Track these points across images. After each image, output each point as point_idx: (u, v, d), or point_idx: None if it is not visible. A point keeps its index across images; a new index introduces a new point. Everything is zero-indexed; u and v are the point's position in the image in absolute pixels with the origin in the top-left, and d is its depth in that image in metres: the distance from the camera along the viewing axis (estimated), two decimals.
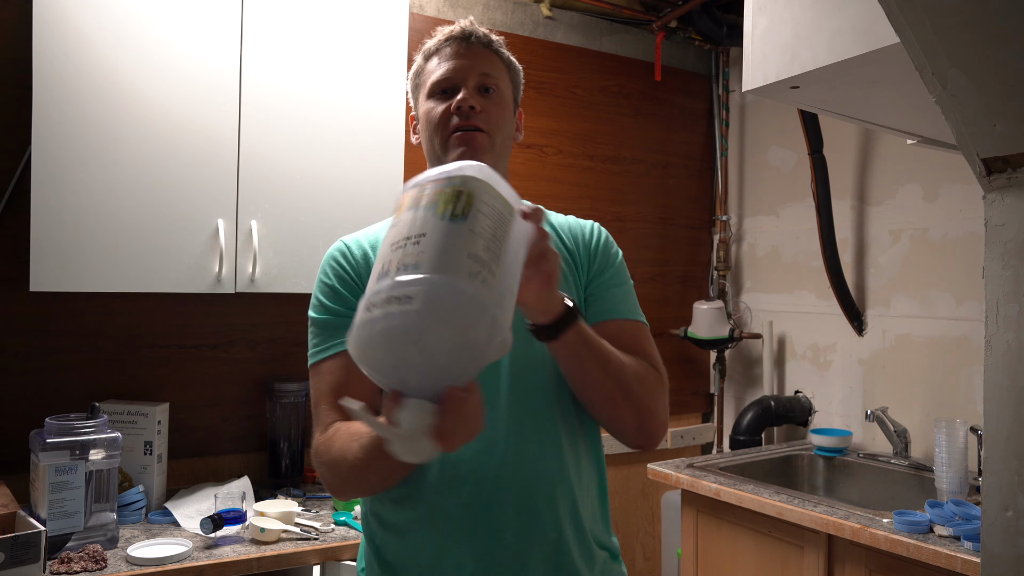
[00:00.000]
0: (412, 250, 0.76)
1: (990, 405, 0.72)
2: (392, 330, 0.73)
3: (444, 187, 0.81)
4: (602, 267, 1.18)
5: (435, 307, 0.73)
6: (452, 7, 2.56)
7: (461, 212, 0.78)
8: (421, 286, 0.73)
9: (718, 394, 3.07)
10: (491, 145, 1.13)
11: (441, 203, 0.79)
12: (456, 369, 0.76)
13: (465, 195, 0.80)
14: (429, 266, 0.74)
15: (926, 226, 2.42)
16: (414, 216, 0.80)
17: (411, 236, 0.77)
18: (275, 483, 2.17)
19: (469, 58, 1.15)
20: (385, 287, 0.74)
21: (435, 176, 0.83)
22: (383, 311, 0.73)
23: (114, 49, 1.78)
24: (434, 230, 0.77)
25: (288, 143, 1.97)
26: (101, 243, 1.76)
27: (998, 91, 0.69)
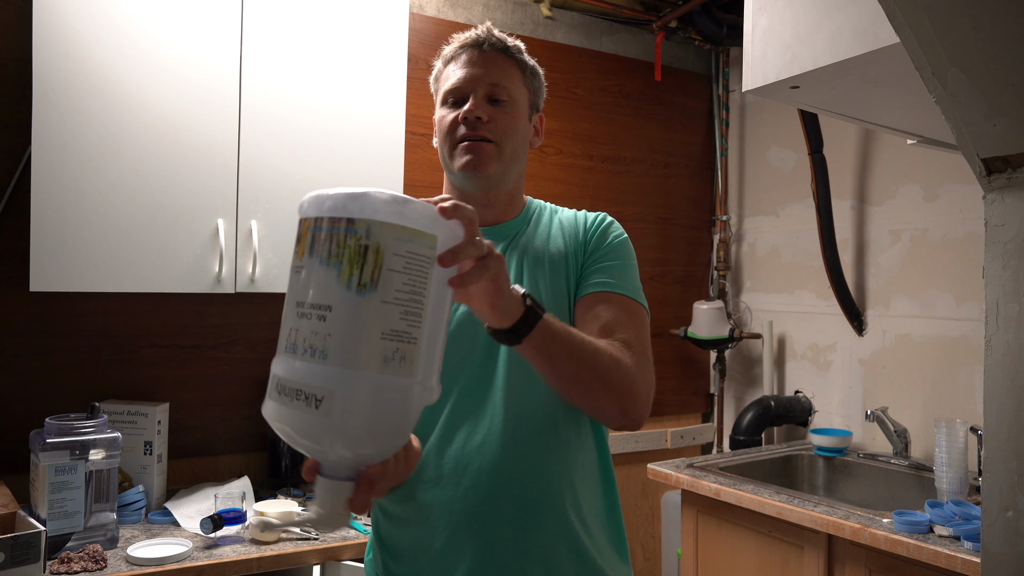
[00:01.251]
0: (318, 327, 0.69)
1: (990, 405, 0.72)
2: (302, 425, 0.70)
3: (345, 236, 0.70)
4: (596, 247, 1.19)
5: (348, 412, 0.68)
6: (452, 7, 2.56)
7: (370, 279, 0.69)
8: (330, 387, 0.68)
9: (718, 394, 3.07)
10: (498, 154, 1.14)
11: (346, 264, 0.69)
12: (379, 451, 0.74)
13: (372, 253, 0.69)
14: (338, 358, 0.68)
15: (926, 226, 2.42)
16: (315, 272, 0.71)
17: (316, 304, 0.70)
18: (275, 483, 2.17)
19: (482, 67, 1.15)
20: (293, 373, 0.71)
21: (332, 210, 0.71)
22: (292, 404, 0.70)
23: (114, 49, 1.78)
24: (340, 304, 0.69)
25: (288, 143, 1.97)
26: (101, 243, 1.76)
27: (998, 91, 0.69)
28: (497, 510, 1.06)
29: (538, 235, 1.21)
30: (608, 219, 1.24)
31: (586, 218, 1.24)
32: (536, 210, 1.26)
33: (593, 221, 1.23)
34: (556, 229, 1.22)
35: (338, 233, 0.70)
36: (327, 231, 0.71)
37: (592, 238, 1.20)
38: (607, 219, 1.24)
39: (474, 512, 1.06)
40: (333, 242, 0.70)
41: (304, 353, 0.70)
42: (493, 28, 1.18)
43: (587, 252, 1.19)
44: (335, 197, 0.71)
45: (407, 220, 0.71)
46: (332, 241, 0.70)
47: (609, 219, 1.24)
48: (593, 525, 1.14)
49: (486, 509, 1.06)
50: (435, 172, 2.48)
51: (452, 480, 1.07)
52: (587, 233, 1.21)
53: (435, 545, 1.07)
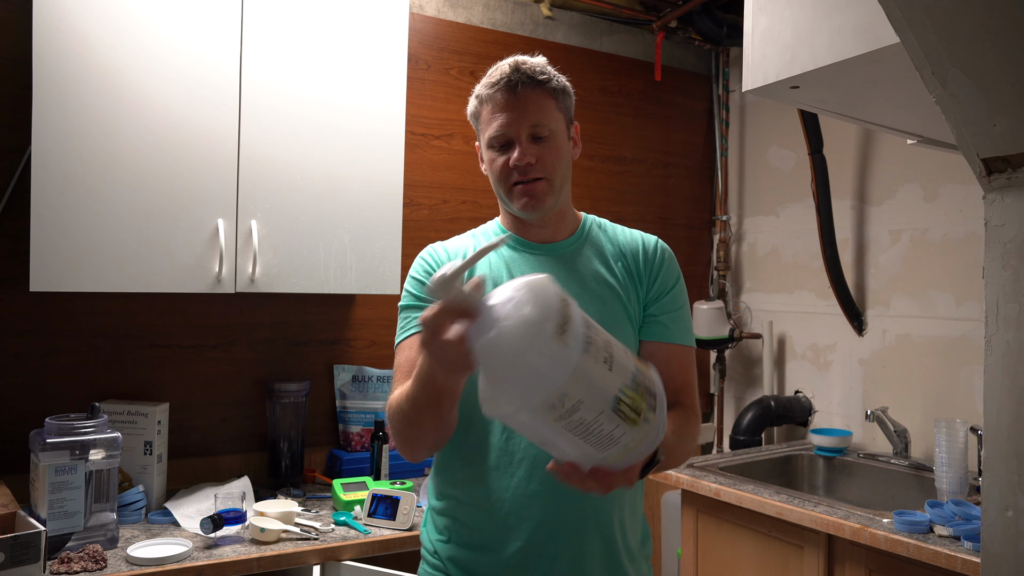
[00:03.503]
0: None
1: (990, 405, 0.72)
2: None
3: (647, 396, 0.84)
4: (662, 289, 1.27)
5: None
6: (452, 7, 2.56)
7: (636, 415, 0.83)
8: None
9: (718, 394, 3.07)
10: (551, 188, 1.21)
11: (629, 408, 0.82)
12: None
13: (633, 411, 0.83)
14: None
15: (926, 226, 2.42)
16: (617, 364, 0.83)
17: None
18: (275, 483, 2.17)
19: (518, 109, 1.20)
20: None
21: (656, 391, 0.86)
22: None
23: (114, 49, 1.78)
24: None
25: (288, 143, 1.97)
26: (101, 243, 1.76)
27: (998, 91, 0.69)
28: (551, 497, 1.16)
29: (594, 257, 1.27)
30: (670, 252, 1.32)
31: (647, 248, 1.30)
32: (589, 228, 1.31)
33: (655, 252, 1.30)
34: (613, 252, 1.28)
35: (641, 393, 0.85)
36: (636, 391, 0.85)
37: (657, 275, 1.27)
38: (668, 252, 1.32)
39: (529, 499, 1.16)
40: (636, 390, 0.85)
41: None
42: (520, 61, 1.22)
43: (651, 287, 1.26)
44: (652, 377, 0.88)
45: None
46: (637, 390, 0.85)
47: (670, 252, 1.32)
48: (636, 507, 1.26)
49: (540, 496, 1.15)
50: (435, 172, 2.48)
51: (508, 469, 1.16)
52: (650, 265, 1.28)
53: (489, 529, 1.17)
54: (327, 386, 2.34)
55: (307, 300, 2.28)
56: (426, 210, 2.48)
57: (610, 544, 1.19)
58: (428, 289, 0.83)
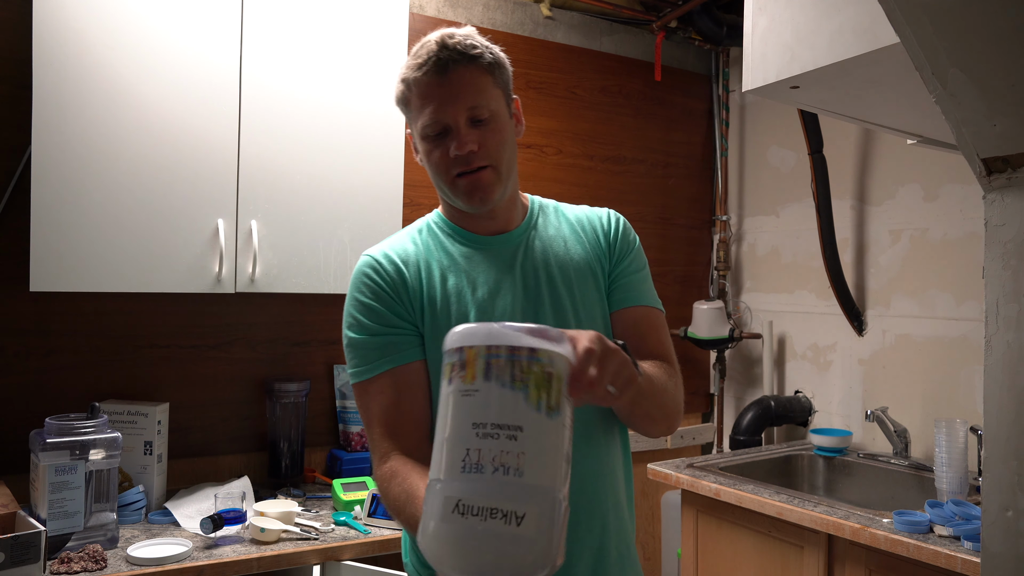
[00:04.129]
0: (509, 446, 0.71)
1: (990, 405, 0.72)
2: (489, 546, 0.70)
3: (528, 363, 0.74)
4: (622, 254, 1.22)
5: (540, 530, 0.70)
6: (452, 7, 2.56)
7: (556, 405, 0.74)
8: (529, 506, 0.70)
9: (718, 394, 3.07)
10: (498, 177, 1.12)
11: (532, 388, 0.74)
12: (556, 569, 0.74)
13: (555, 380, 0.75)
14: (533, 476, 0.71)
15: (926, 226, 2.42)
16: (499, 394, 0.73)
17: (503, 424, 0.72)
18: (275, 483, 2.17)
19: (451, 91, 1.07)
20: (484, 492, 0.71)
21: (509, 342, 0.75)
22: (483, 525, 0.70)
23: (114, 49, 1.78)
24: (532, 426, 0.73)
25: (288, 143, 1.97)
26: (101, 243, 1.76)
27: (998, 91, 0.69)
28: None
29: (552, 240, 1.20)
30: (624, 221, 1.26)
31: (601, 221, 1.24)
32: (539, 211, 1.24)
33: (612, 225, 1.24)
34: (570, 232, 1.22)
35: (520, 360, 0.75)
36: (506, 358, 0.74)
37: (616, 245, 1.22)
38: (623, 221, 1.26)
39: None
40: (516, 368, 0.74)
41: (496, 471, 0.71)
42: (447, 35, 1.09)
43: (613, 259, 1.21)
44: (507, 328, 0.76)
45: (571, 353, 0.79)
46: (514, 367, 0.74)
47: (624, 220, 1.26)
48: (629, 522, 1.21)
49: None
50: None
51: None
52: (609, 238, 1.22)
53: None
54: (327, 386, 2.34)
55: (307, 300, 2.28)
56: (426, 210, 2.46)
57: (623, 537, 1.17)
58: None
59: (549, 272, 1.16)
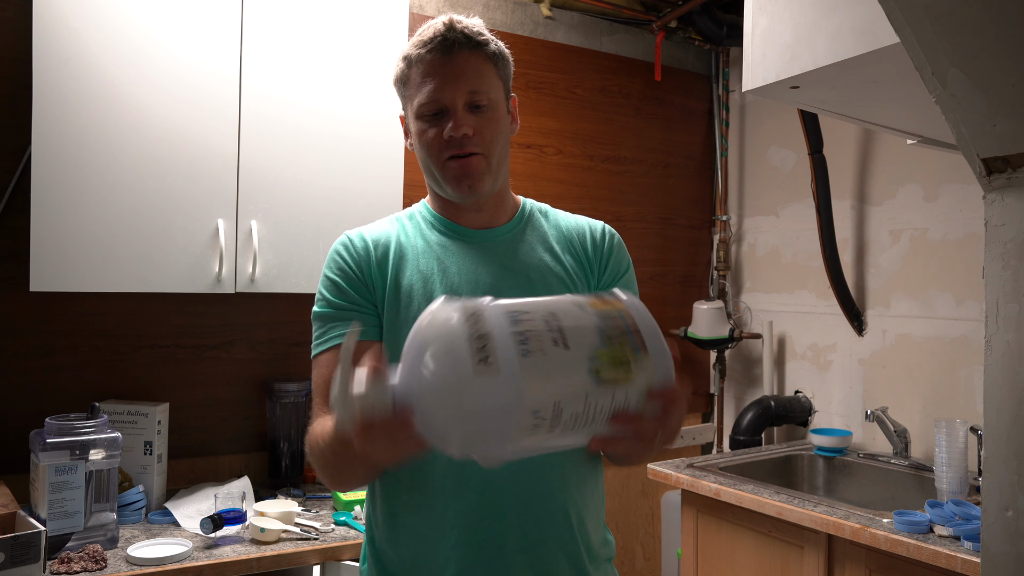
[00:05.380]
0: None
1: (990, 405, 0.72)
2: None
3: (626, 340, 0.75)
4: (613, 276, 1.18)
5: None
6: (452, 7, 2.56)
7: (610, 380, 0.74)
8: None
9: (718, 394, 3.07)
10: (488, 167, 1.10)
11: (608, 358, 0.73)
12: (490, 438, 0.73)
13: (625, 367, 0.74)
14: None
15: (926, 226, 2.42)
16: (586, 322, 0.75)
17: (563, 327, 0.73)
18: (275, 483, 2.17)
19: (454, 73, 1.07)
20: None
21: (635, 325, 0.77)
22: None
23: (114, 49, 1.78)
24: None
25: (288, 143, 1.97)
26: (101, 243, 1.76)
27: (998, 91, 0.69)
28: (502, 521, 1.06)
29: (536, 245, 1.17)
30: (618, 239, 1.22)
31: (594, 235, 1.20)
32: (529, 214, 1.21)
33: (604, 238, 1.20)
34: (559, 241, 1.18)
35: (625, 337, 0.76)
36: (619, 325, 0.77)
37: (608, 262, 1.18)
38: (617, 239, 1.22)
39: (479, 523, 1.05)
40: (616, 331, 0.76)
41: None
42: (456, 19, 1.09)
43: (602, 275, 1.17)
44: (649, 322, 0.79)
45: (667, 371, 0.80)
46: (616, 330, 0.76)
47: (619, 239, 1.23)
48: (593, 529, 1.14)
49: (491, 520, 1.06)
50: None
51: (457, 492, 1.06)
52: (599, 252, 1.18)
53: (438, 556, 1.07)
54: None
55: (307, 300, 2.25)
56: None
57: (573, 553, 1.10)
58: (332, 408, 0.75)
59: (528, 276, 1.13)
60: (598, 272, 1.17)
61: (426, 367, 0.69)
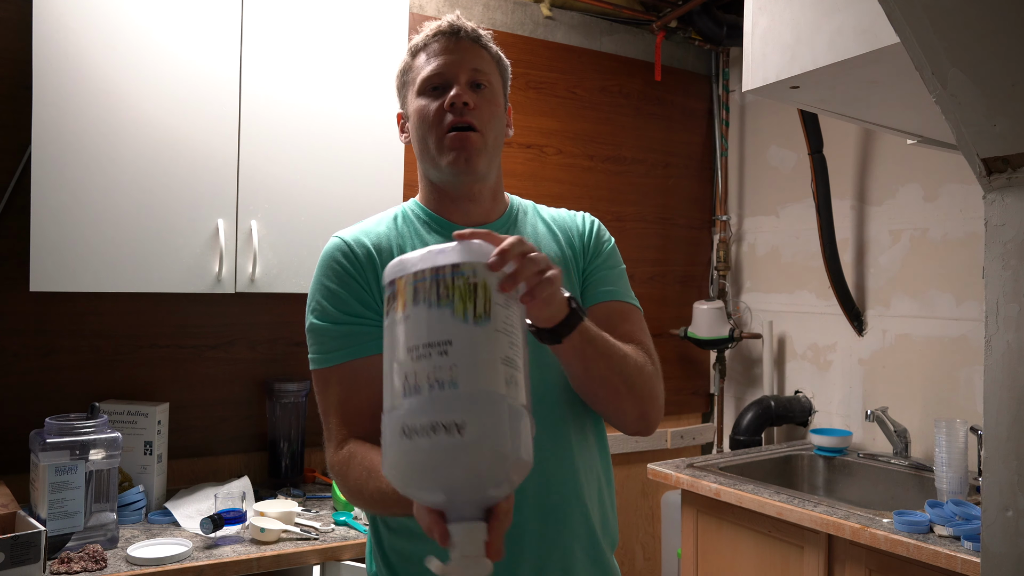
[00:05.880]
0: (441, 362, 0.72)
1: (990, 405, 0.72)
2: (440, 460, 0.70)
3: (452, 279, 0.75)
4: (595, 253, 1.21)
5: (485, 433, 0.70)
6: (452, 7, 2.56)
7: (484, 311, 0.74)
8: (468, 413, 0.70)
9: (718, 394, 3.07)
10: (484, 145, 1.12)
11: (458, 301, 0.74)
12: (514, 476, 0.74)
13: (481, 289, 0.75)
14: (468, 384, 0.71)
15: (926, 226, 2.42)
16: (427, 315, 0.74)
17: (433, 343, 0.72)
18: (275, 483, 2.17)
19: (459, 53, 1.12)
20: (423, 410, 0.71)
21: (433, 264, 0.76)
22: (429, 441, 0.70)
23: (114, 48, 1.78)
24: (460, 336, 0.72)
25: (288, 142, 1.97)
26: (101, 243, 1.76)
27: (998, 91, 0.69)
28: (516, 521, 1.06)
29: (532, 236, 1.19)
30: (599, 224, 1.26)
31: (576, 223, 1.24)
32: (518, 209, 1.23)
33: (589, 227, 1.24)
34: (546, 232, 1.21)
35: (444, 278, 0.75)
36: (431, 279, 0.75)
37: (590, 244, 1.21)
38: (598, 223, 1.26)
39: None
40: (440, 286, 0.75)
41: (432, 388, 0.72)
42: (463, 17, 1.16)
43: (587, 259, 1.20)
44: (428, 254, 0.77)
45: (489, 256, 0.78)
46: (439, 286, 0.75)
47: (598, 223, 1.26)
48: (603, 526, 1.15)
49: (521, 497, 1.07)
50: None
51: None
52: (584, 239, 1.22)
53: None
54: None
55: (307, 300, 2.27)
56: None
57: (590, 542, 1.11)
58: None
59: None
60: (584, 255, 1.20)
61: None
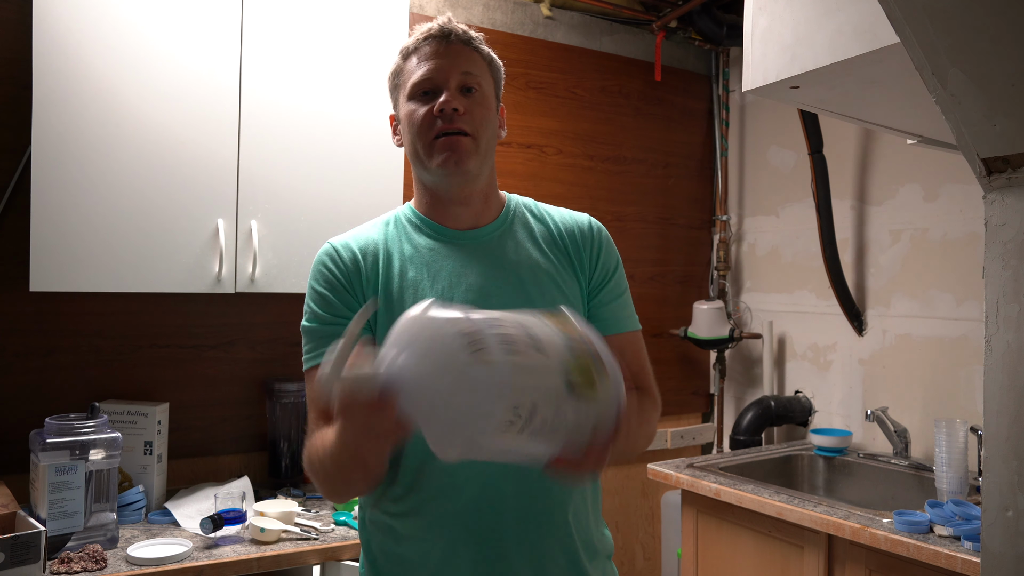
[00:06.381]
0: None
1: (990, 405, 0.72)
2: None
3: (590, 360, 0.79)
4: (604, 276, 1.18)
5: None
6: (452, 7, 2.56)
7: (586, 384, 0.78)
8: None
9: (718, 394, 3.07)
10: (475, 148, 1.11)
11: (577, 373, 0.77)
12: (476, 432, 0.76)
13: (589, 379, 0.78)
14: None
15: (926, 226, 2.42)
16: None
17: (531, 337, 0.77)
18: (275, 483, 2.17)
19: (449, 57, 1.11)
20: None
21: (595, 350, 0.81)
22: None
23: (114, 48, 1.78)
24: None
25: (288, 142, 1.97)
26: (101, 243, 1.76)
27: (998, 91, 0.69)
28: (499, 524, 1.06)
29: (525, 241, 1.17)
30: (606, 235, 1.23)
31: (582, 230, 1.20)
32: (515, 210, 1.21)
33: (592, 233, 1.20)
34: (545, 236, 1.18)
35: (589, 354, 0.81)
36: (582, 350, 0.81)
37: (598, 258, 1.18)
38: (605, 233, 1.23)
39: (475, 526, 1.06)
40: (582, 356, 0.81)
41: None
42: (454, 19, 1.15)
43: (592, 271, 1.18)
44: (601, 346, 0.83)
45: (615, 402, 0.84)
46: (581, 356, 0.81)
47: (606, 234, 1.23)
48: (587, 534, 1.14)
49: (487, 523, 1.06)
50: None
51: (452, 495, 1.06)
52: (589, 247, 1.19)
53: (434, 560, 1.07)
54: None
55: None
56: None
57: (570, 549, 1.10)
58: (320, 384, 0.77)
59: (518, 274, 1.12)
60: (589, 269, 1.18)
61: (420, 354, 0.74)
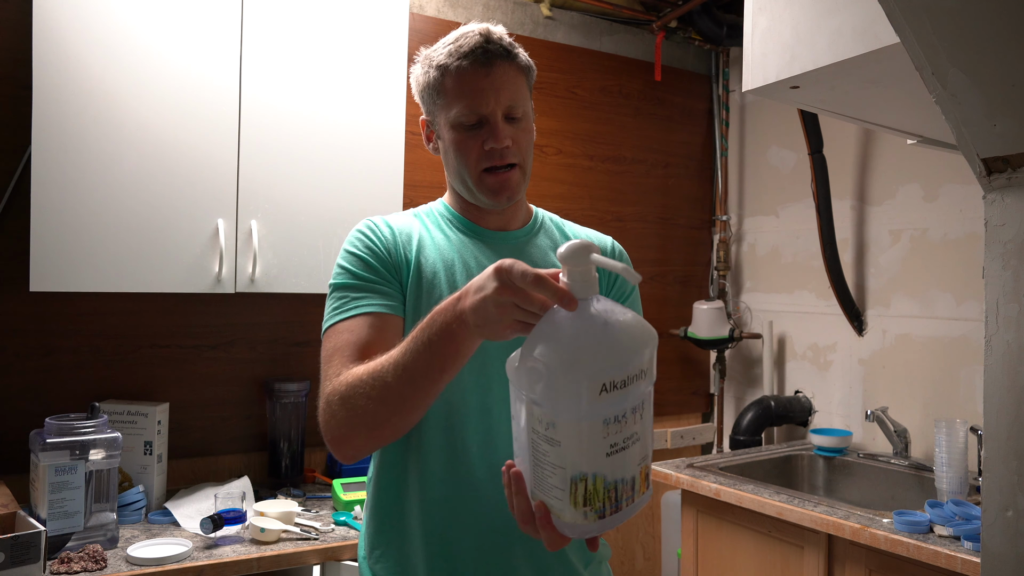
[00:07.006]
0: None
1: (990, 405, 0.72)
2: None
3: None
4: (620, 294, 1.21)
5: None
6: (452, 7, 2.56)
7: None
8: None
9: (718, 394, 3.07)
10: (523, 176, 1.15)
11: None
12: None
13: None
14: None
15: (926, 226, 2.42)
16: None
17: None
18: (275, 483, 2.17)
19: (494, 86, 1.09)
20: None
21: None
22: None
23: (115, 49, 1.78)
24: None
25: (288, 142, 1.97)
26: (101, 243, 1.76)
27: (998, 91, 0.69)
28: (507, 520, 1.08)
29: (548, 250, 1.21)
30: (626, 255, 1.27)
31: (603, 247, 1.24)
32: (542, 222, 1.25)
33: (615, 256, 1.24)
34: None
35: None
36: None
37: (616, 277, 1.21)
38: (624, 255, 1.26)
39: (479, 525, 1.09)
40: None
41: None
42: (490, 30, 1.12)
43: (609, 290, 1.20)
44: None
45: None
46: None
47: (626, 255, 1.27)
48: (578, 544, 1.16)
49: (495, 520, 1.09)
50: (435, 172, 2.48)
51: (454, 494, 1.10)
52: (610, 275, 1.22)
53: (436, 554, 1.10)
54: None
55: (307, 300, 2.28)
56: None
57: (564, 552, 1.12)
58: (563, 252, 0.78)
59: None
60: (606, 287, 1.21)
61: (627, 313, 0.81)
